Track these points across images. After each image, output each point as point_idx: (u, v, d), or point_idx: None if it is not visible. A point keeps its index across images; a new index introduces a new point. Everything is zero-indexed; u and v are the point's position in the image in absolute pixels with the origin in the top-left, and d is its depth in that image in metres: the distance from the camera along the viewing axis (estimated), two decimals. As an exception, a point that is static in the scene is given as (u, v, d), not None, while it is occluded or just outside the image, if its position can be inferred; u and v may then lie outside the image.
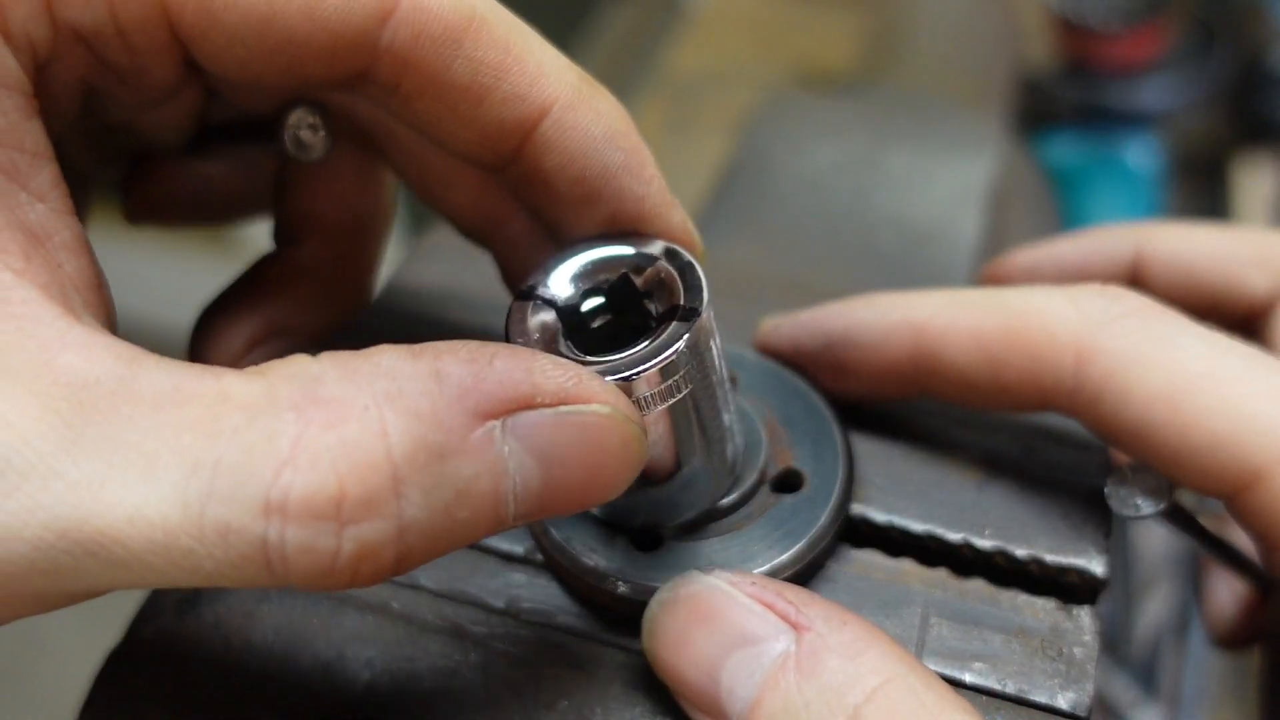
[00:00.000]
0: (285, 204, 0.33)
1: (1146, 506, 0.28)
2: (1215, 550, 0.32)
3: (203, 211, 0.35)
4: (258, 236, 0.35)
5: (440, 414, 0.21)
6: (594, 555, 0.29)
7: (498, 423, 0.21)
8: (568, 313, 0.27)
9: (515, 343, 0.25)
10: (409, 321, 0.37)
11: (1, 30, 0.22)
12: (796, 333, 0.33)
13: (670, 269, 0.27)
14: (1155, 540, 0.63)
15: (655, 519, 0.29)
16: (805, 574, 0.29)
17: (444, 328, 0.37)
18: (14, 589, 0.20)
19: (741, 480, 0.30)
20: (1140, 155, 0.92)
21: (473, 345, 0.22)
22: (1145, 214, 0.90)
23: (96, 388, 0.20)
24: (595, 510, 0.29)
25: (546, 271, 0.27)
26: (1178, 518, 0.29)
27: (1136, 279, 0.39)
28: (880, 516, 0.31)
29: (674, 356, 0.25)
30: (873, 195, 0.48)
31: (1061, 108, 0.93)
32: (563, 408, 0.22)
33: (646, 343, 0.25)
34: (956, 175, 0.49)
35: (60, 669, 1.37)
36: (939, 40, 0.79)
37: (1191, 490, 0.28)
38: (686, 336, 0.25)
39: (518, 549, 0.31)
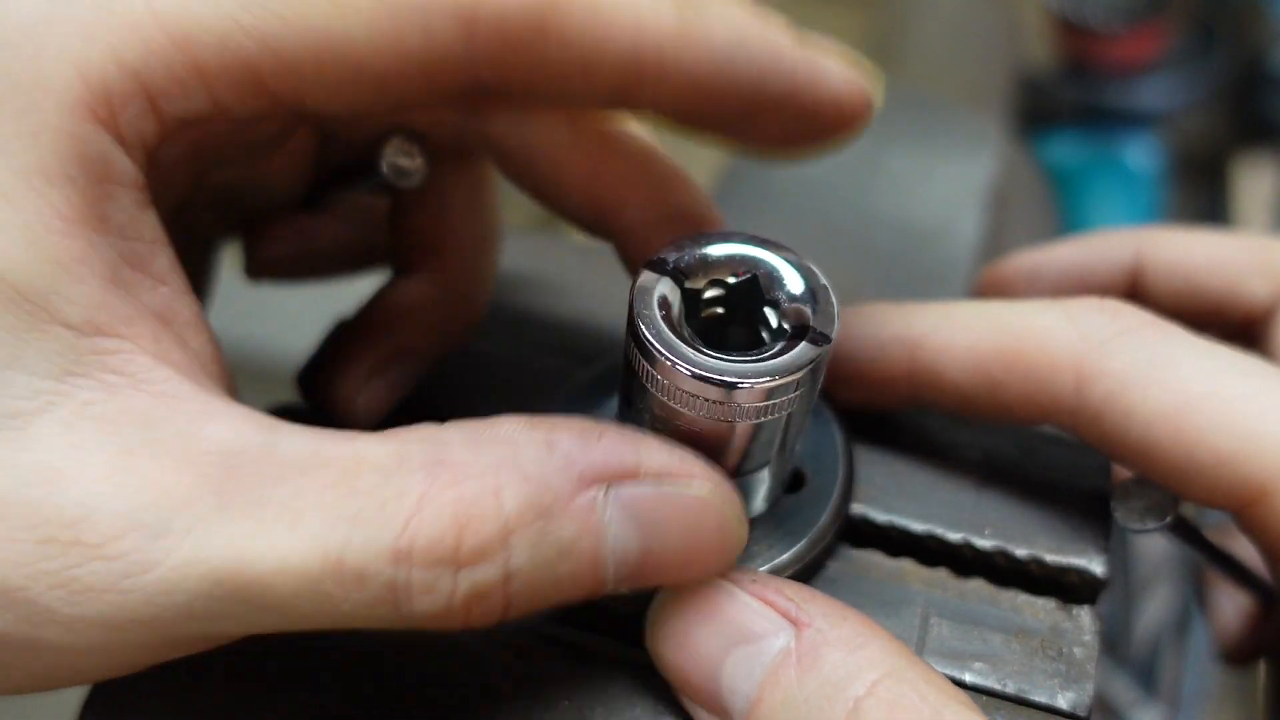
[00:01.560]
0: (398, 235, 0.34)
1: (1152, 521, 0.28)
2: (1220, 564, 0.32)
3: (318, 266, 0.37)
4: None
5: (548, 478, 0.23)
6: (594, 555, 0.29)
7: (601, 490, 0.23)
8: (688, 295, 0.27)
9: (638, 311, 0.25)
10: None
11: (114, 134, 0.24)
12: None
13: (807, 289, 0.27)
14: (1155, 541, 0.63)
15: None
16: (805, 573, 0.29)
17: (523, 314, 0.37)
18: (168, 634, 0.23)
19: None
20: (1140, 155, 0.92)
21: (585, 422, 0.24)
22: (1145, 214, 0.90)
23: (243, 455, 0.23)
24: None
25: (681, 249, 0.27)
26: (1182, 531, 0.29)
27: (1136, 285, 0.39)
28: (880, 516, 0.31)
29: (799, 375, 0.25)
30: (873, 195, 0.48)
31: (1061, 108, 0.93)
32: (665, 483, 0.24)
33: (770, 352, 0.25)
34: (956, 175, 0.49)
35: (60, 669, 1.37)
36: (939, 40, 0.79)
37: (1198, 504, 0.28)
38: (815, 361, 0.25)
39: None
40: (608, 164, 0.31)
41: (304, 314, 0.30)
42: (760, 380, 0.24)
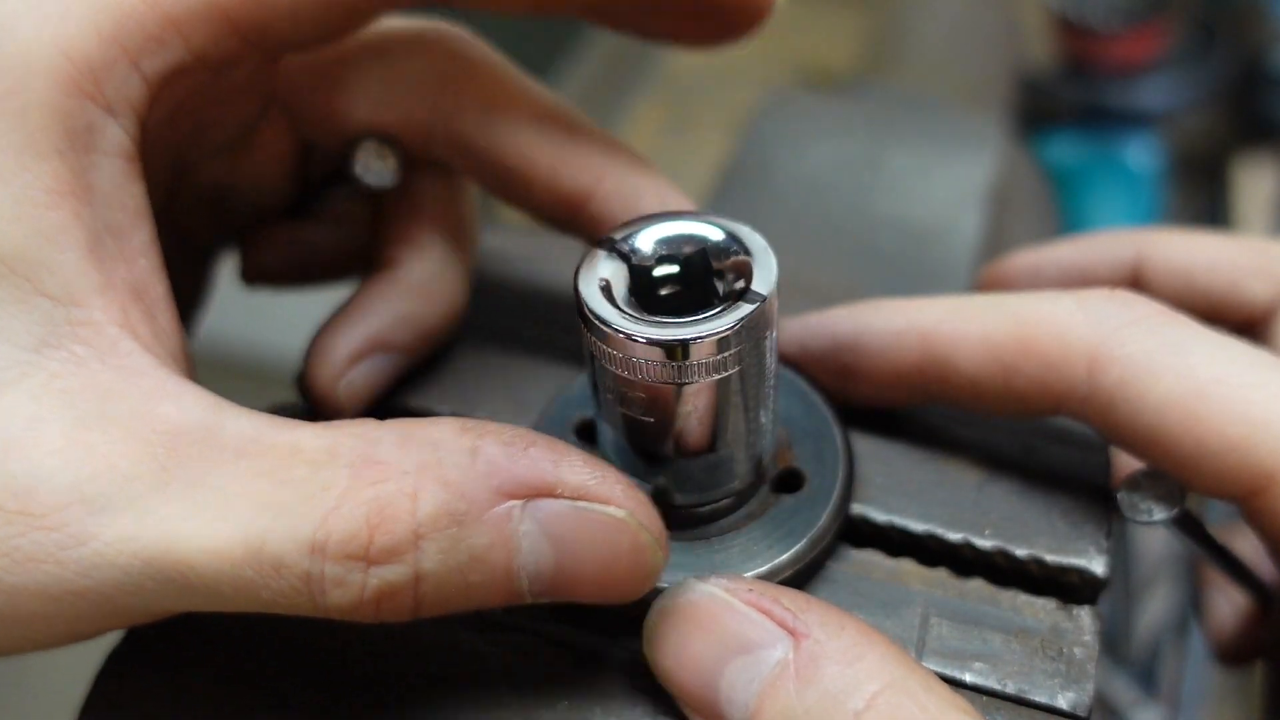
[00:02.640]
0: (375, 234, 0.35)
1: (1159, 513, 0.28)
2: (1220, 560, 0.32)
3: (310, 272, 0.37)
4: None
5: (466, 486, 0.23)
6: (594, 555, 0.29)
7: (519, 504, 0.24)
8: (639, 272, 0.27)
9: (579, 287, 0.26)
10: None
11: (102, 104, 0.25)
12: (803, 336, 0.33)
13: (746, 253, 0.27)
14: (1155, 540, 0.63)
15: (675, 489, 0.29)
16: (805, 574, 0.29)
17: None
18: (104, 607, 0.23)
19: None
20: (1140, 155, 0.92)
21: (516, 430, 0.24)
22: (1145, 214, 0.90)
23: (188, 435, 0.23)
24: (614, 457, 0.29)
25: (630, 229, 0.28)
26: (1186, 525, 0.29)
27: (1136, 285, 0.39)
28: (880, 516, 0.31)
29: (729, 332, 0.25)
30: (873, 195, 0.48)
31: (1061, 108, 0.93)
32: (581, 503, 0.24)
33: (708, 314, 0.26)
34: (956, 175, 0.49)
35: (60, 669, 1.37)
36: (939, 40, 0.79)
37: (1205, 494, 0.28)
38: (746, 315, 0.25)
39: (518, 549, 0.31)
40: (572, 156, 0.31)
41: (304, 314, 0.30)
42: (700, 337, 0.25)
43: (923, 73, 0.76)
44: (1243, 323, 0.37)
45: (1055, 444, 0.33)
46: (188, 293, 0.36)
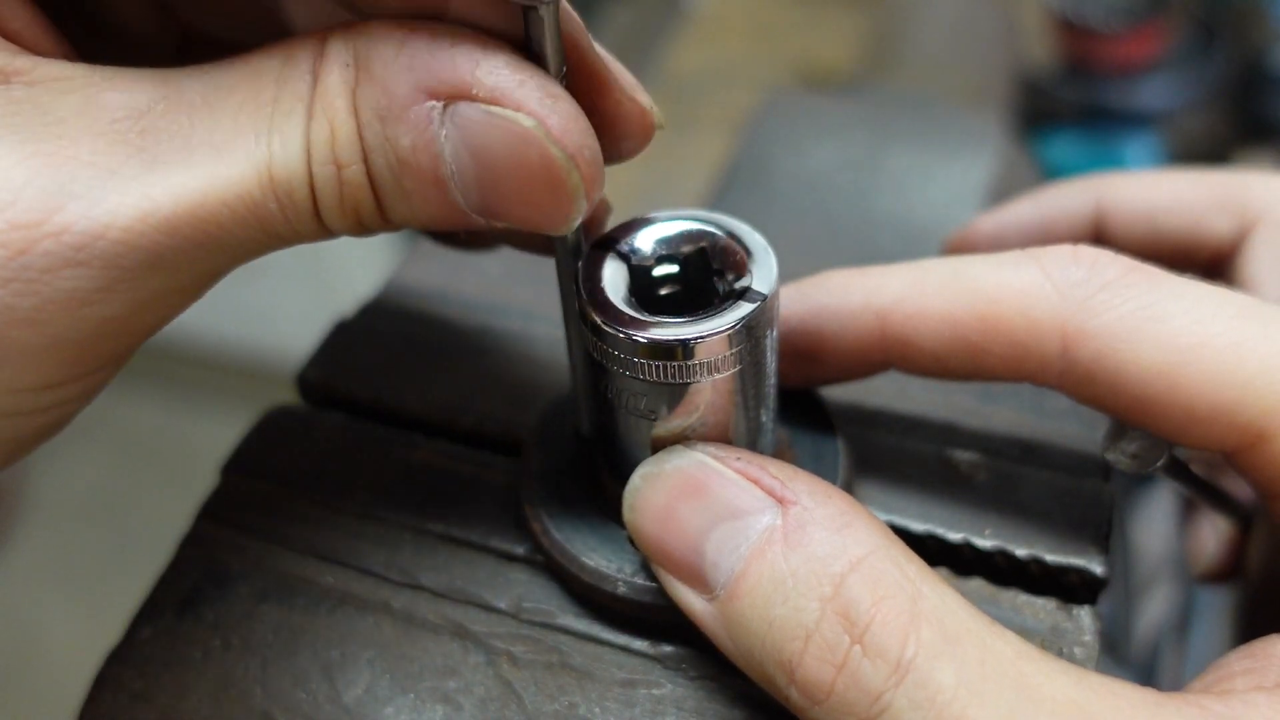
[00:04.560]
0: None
1: (1146, 462, 0.28)
2: (1207, 496, 0.32)
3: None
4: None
5: (389, 80, 0.23)
6: (594, 555, 0.29)
7: (438, 104, 0.23)
8: (638, 273, 0.27)
9: (581, 289, 0.26)
10: (408, 320, 0.37)
11: None
12: None
13: (746, 252, 0.27)
14: (1155, 540, 0.63)
15: None
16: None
17: (442, 326, 0.37)
18: (135, 298, 0.24)
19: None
20: (1140, 155, 0.92)
21: (454, 28, 0.24)
22: (1145, 214, 0.90)
23: (151, 111, 0.23)
24: (615, 458, 0.29)
25: (629, 230, 0.28)
26: (1172, 469, 0.29)
27: (1099, 233, 0.38)
28: (880, 516, 0.31)
29: (731, 331, 0.25)
30: (873, 195, 0.48)
31: (1061, 108, 0.93)
32: (494, 108, 0.23)
33: (710, 313, 0.26)
34: (956, 175, 0.49)
35: (60, 669, 1.37)
36: (939, 40, 0.79)
37: (1192, 449, 0.28)
38: (749, 314, 0.25)
39: (518, 549, 0.31)
40: None
41: (304, 314, 0.30)
42: (703, 336, 0.25)
43: (923, 73, 0.76)
44: (1211, 258, 0.37)
45: (1055, 444, 0.33)
46: None
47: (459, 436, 0.34)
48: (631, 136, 0.27)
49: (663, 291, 0.28)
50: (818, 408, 0.32)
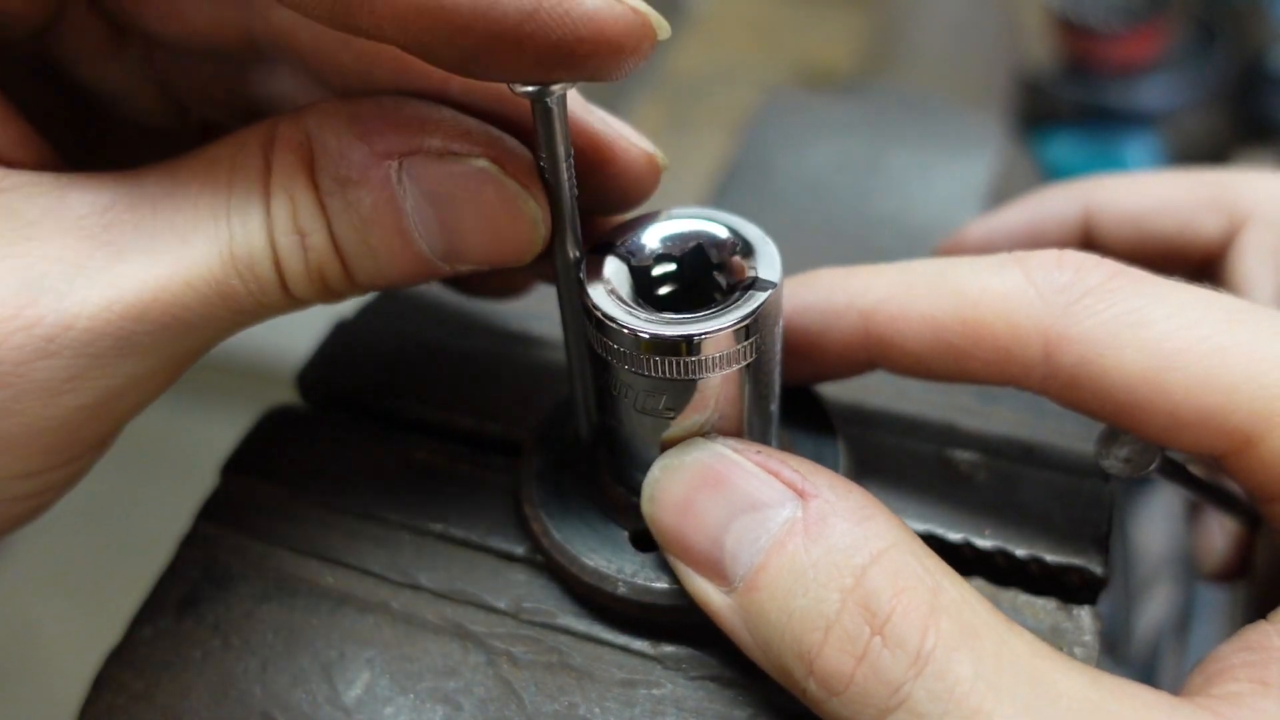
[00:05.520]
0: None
1: (1139, 466, 0.28)
2: (1208, 496, 0.32)
3: None
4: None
5: (345, 149, 0.25)
6: (594, 555, 0.29)
7: (395, 162, 0.25)
8: (639, 273, 0.27)
9: (588, 293, 0.26)
10: (408, 320, 0.37)
11: None
12: None
13: (746, 244, 0.27)
14: (1155, 540, 0.63)
15: None
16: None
17: (442, 326, 0.37)
18: (116, 374, 0.25)
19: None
20: (1140, 155, 0.92)
21: (397, 99, 0.25)
22: (1145, 214, 0.90)
23: (114, 206, 0.25)
24: (622, 459, 0.29)
25: (626, 231, 0.28)
26: (1169, 471, 0.29)
27: (1089, 237, 0.38)
28: (880, 516, 0.31)
29: (747, 322, 0.25)
30: (873, 195, 0.48)
31: (1061, 108, 0.93)
32: (448, 156, 0.25)
33: (720, 306, 0.26)
34: (956, 175, 0.49)
35: (60, 669, 1.37)
36: (939, 40, 0.79)
37: (1182, 453, 0.28)
38: (762, 303, 0.25)
39: (518, 549, 0.31)
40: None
41: (304, 315, 0.30)
42: (718, 330, 0.25)
43: (923, 73, 0.76)
44: (1201, 259, 0.37)
45: (1055, 444, 0.33)
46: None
47: (459, 436, 0.34)
48: (642, 179, 0.28)
49: (662, 290, 0.28)
50: (818, 408, 0.32)
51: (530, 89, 0.24)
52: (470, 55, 0.23)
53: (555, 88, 0.24)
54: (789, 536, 0.24)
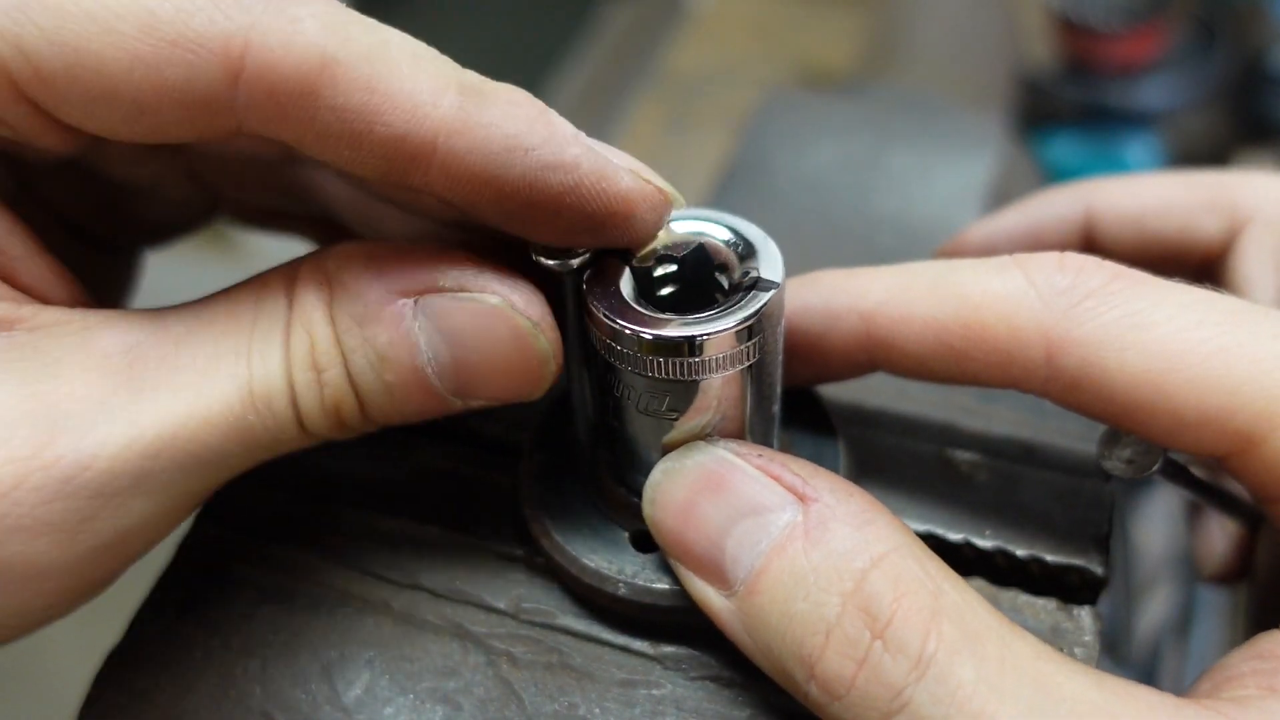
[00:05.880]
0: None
1: (1142, 467, 0.28)
2: (1209, 498, 0.32)
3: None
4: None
5: (362, 288, 0.26)
6: (594, 556, 0.29)
7: (410, 301, 0.25)
8: (640, 274, 0.27)
9: (594, 297, 0.26)
10: None
11: None
12: None
13: (747, 244, 0.27)
14: (1155, 540, 0.63)
15: None
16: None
17: None
18: (122, 519, 0.25)
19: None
20: (1140, 155, 0.92)
21: (415, 244, 0.26)
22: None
23: (140, 345, 0.25)
24: (630, 438, 0.29)
25: None
26: (1170, 472, 0.29)
27: (1090, 239, 0.38)
28: (880, 516, 0.31)
29: (753, 321, 0.25)
30: (873, 195, 0.48)
31: (1061, 108, 0.93)
32: (461, 294, 0.26)
33: (723, 306, 0.26)
34: (956, 175, 0.49)
35: (60, 669, 1.37)
36: (939, 40, 0.79)
37: (1184, 454, 0.27)
38: (766, 302, 0.25)
39: (518, 550, 0.31)
40: None
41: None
42: (725, 330, 0.25)
43: (923, 73, 0.76)
44: (1201, 261, 0.37)
45: (1055, 444, 0.33)
46: (105, 293, 0.35)
47: (459, 437, 0.34)
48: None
49: (663, 291, 0.28)
50: (818, 408, 0.32)
51: (552, 262, 0.26)
52: (510, 216, 0.25)
53: (574, 260, 0.26)
54: (789, 540, 0.24)
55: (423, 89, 0.24)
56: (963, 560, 0.30)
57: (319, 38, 0.23)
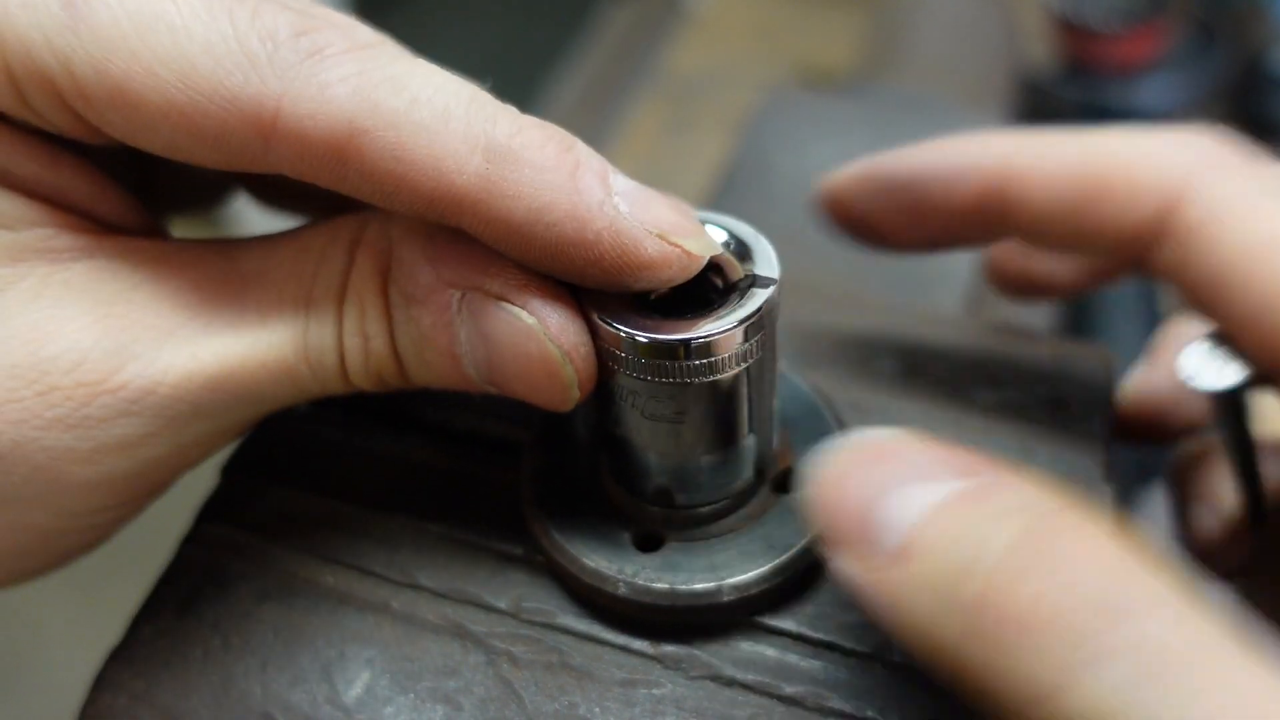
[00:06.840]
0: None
1: (1231, 375, 0.27)
2: (1241, 454, 0.31)
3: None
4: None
5: (415, 268, 0.26)
6: (595, 556, 0.29)
7: (458, 293, 0.26)
8: None
9: (588, 300, 0.26)
10: None
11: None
12: (862, 177, 0.32)
13: (740, 244, 0.27)
14: (1155, 540, 0.63)
15: (676, 489, 0.29)
16: (807, 575, 0.29)
17: None
18: (181, 439, 0.27)
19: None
20: (1140, 155, 0.92)
21: (463, 236, 0.26)
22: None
23: (210, 280, 0.27)
24: (622, 435, 0.29)
25: None
26: (1234, 409, 0.28)
27: (999, 207, 0.37)
28: (880, 516, 0.31)
29: (755, 319, 0.25)
30: (873, 195, 0.48)
31: (1061, 108, 0.93)
32: (502, 303, 0.26)
33: (719, 306, 0.26)
34: (957, 175, 0.49)
35: (60, 668, 1.37)
36: (939, 40, 0.79)
37: (1263, 363, 0.27)
38: (765, 300, 0.25)
39: (518, 549, 0.31)
40: None
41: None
42: (726, 330, 0.25)
43: (923, 73, 0.76)
44: (1146, 222, 0.36)
45: (1055, 444, 0.33)
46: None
47: (459, 437, 0.34)
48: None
49: (655, 296, 0.28)
50: (817, 408, 0.32)
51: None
52: (535, 259, 0.26)
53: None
54: (954, 502, 0.23)
55: (448, 154, 0.24)
56: (963, 560, 0.30)
57: (348, 105, 0.24)
